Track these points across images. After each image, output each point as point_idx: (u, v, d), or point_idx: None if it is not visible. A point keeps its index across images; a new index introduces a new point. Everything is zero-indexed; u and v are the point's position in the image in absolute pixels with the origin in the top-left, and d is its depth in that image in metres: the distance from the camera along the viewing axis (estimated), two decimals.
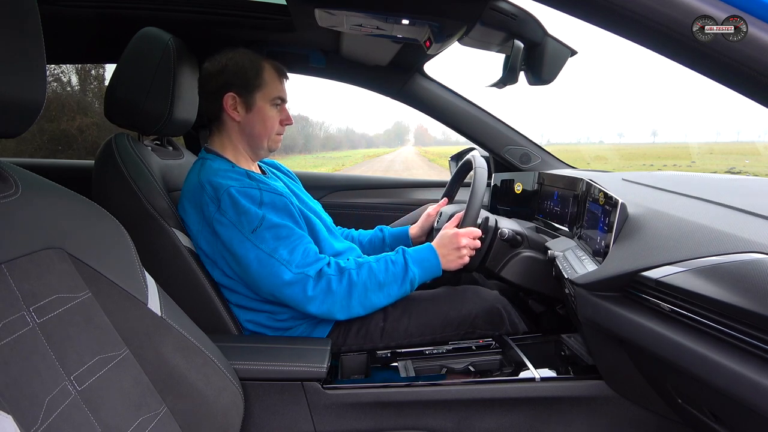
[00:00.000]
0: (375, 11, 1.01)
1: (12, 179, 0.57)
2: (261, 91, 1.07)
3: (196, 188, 1.00)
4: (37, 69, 0.54)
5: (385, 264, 1.02)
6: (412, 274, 1.02)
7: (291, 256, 0.95)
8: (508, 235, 1.13)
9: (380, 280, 1.00)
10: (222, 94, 1.06)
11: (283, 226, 0.98)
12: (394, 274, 1.01)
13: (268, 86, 1.07)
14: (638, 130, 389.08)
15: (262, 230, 0.95)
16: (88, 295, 0.60)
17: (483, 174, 1.13)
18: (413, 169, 19.65)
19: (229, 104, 1.06)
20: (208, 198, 0.98)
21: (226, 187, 0.97)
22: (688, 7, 0.52)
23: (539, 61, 1.08)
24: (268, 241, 0.95)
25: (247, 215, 0.95)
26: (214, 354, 0.75)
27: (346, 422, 0.92)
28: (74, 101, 5.10)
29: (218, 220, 0.97)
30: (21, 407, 0.47)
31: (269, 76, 1.08)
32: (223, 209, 0.96)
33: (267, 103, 1.08)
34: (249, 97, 1.06)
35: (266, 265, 0.95)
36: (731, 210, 0.70)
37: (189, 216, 1.02)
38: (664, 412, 0.87)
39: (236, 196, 0.96)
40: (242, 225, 0.95)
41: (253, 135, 1.09)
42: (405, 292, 1.04)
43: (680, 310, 0.62)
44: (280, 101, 1.10)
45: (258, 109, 1.07)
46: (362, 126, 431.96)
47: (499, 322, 1.09)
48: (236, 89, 1.06)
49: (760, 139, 52.87)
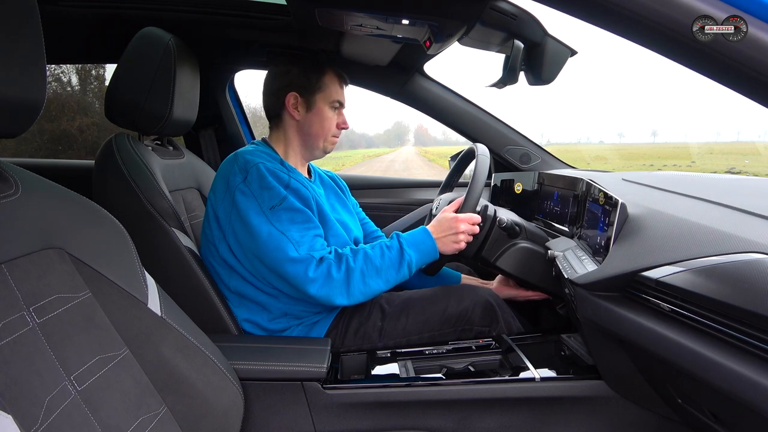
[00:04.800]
0: (375, 11, 1.01)
1: (12, 179, 0.57)
2: (322, 93, 1.12)
3: (230, 161, 1.05)
4: (37, 69, 0.54)
5: (381, 250, 1.04)
6: (408, 257, 1.03)
7: (301, 239, 0.98)
8: (506, 223, 1.12)
9: (377, 265, 1.01)
10: (285, 93, 1.11)
11: (301, 212, 1.01)
12: (390, 259, 1.03)
13: (329, 89, 1.13)
14: (638, 130, 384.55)
15: (280, 209, 0.98)
16: (88, 295, 0.60)
17: (485, 162, 1.13)
18: (413, 169, 19.64)
19: (291, 103, 1.12)
20: (237, 168, 1.02)
21: (256, 163, 1.01)
22: (688, 7, 0.52)
23: (539, 61, 1.08)
24: (283, 221, 0.98)
25: (270, 191, 0.99)
26: (214, 354, 0.75)
27: (346, 422, 0.92)
28: (74, 101, 5.10)
29: (241, 189, 1.00)
30: (21, 407, 0.47)
31: (330, 80, 1.13)
32: (249, 181, 1.00)
33: (326, 105, 1.13)
34: (310, 98, 1.12)
35: (276, 239, 0.97)
36: (731, 210, 0.70)
37: (217, 186, 1.05)
38: (664, 412, 0.87)
39: (264, 172, 1.00)
40: (263, 199, 0.99)
41: (310, 134, 1.14)
42: (404, 277, 1.04)
43: (680, 310, 0.62)
44: (338, 105, 1.15)
45: (318, 110, 1.13)
46: (362, 126, 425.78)
47: (493, 317, 1.10)
48: (299, 89, 1.11)
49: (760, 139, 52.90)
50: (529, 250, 1.14)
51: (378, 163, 27.34)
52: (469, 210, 1.10)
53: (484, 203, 1.15)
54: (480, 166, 1.12)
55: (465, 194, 1.11)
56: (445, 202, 1.23)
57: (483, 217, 1.12)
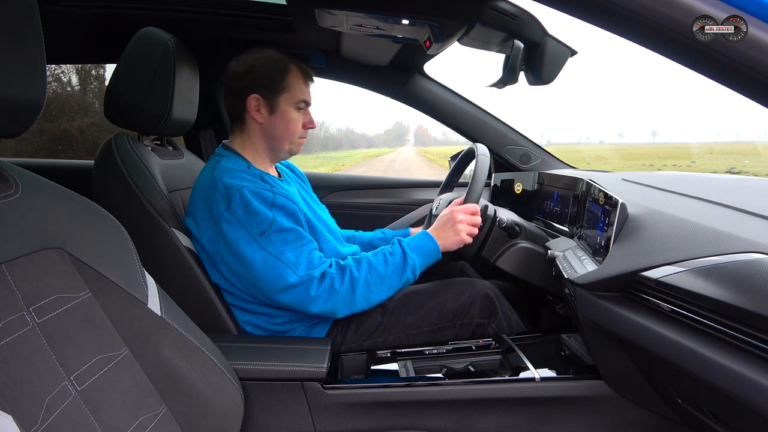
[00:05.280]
0: (375, 11, 1.01)
1: (12, 179, 0.57)
2: (286, 94, 1.05)
3: (209, 185, 0.99)
4: (37, 69, 0.54)
5: (384, 256, 1.02)
6: (411, 262, 1.02)
7: (298, 260, 0.95)
8: (506, 223, 1.12)
9: (381, 272, 1.00)
10: (246, 95, 1.05)
11: (292, 230, 0.97)
12: (394, 265, 1.01)
13: (293, 89, 1.06)
14: (638, 130, 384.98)
15: (270, 233, 0.95)
16: (88, 295, 0.60)
17: (485, 162, 1.13)
18: (413, 169, 19.65)
19: (253, 105, 1.05)
20: (219, 196, 0.97)
21: (239, 188, 0.96)
22: (688, 7, 0.52)
23: (539, 61, 1.08)
24: (275, 244, 0.95)
25: (257, 216, 0.95)
26: (214, 354, 0.75)
27: (346, 422, 0.92)
28: (74, 101, 5.10)
29: (227, 219, 0.96)
30: (21, 407, 0.47)
31: (295, 78, 1.06)
32: (232, 208, 0.95)
33: (291, 106, 1.06)
34: (273, 100, 1.05)
35: (272, 267, 0.94)
36: (731, 210, 0.70)
37: (197, 212, 1.01)
38: (664, 412, 0.87)
39: (248, 197, 0.95)
40: (251, 226, 0.95)
41: (275, 137, 1.08)
42: (408, 281, 1.03)
43: (680, 310, 0.62)
44: (304, 104, 1.08)
45: (281, 112, 1.06)
46: (362, 126, 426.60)
47: (492, 310, 1.10)
48: (261, 91, 1.04)
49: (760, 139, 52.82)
50: (529, 250, 1.14)
51: (378, 163, 27.33)
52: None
53: (484, 203, 1.15)
54: (480, 166, 1.12)
55: (465, 194, 1.11)
56: (445, 202, 1.23)
57: (483, 217, 1.12)
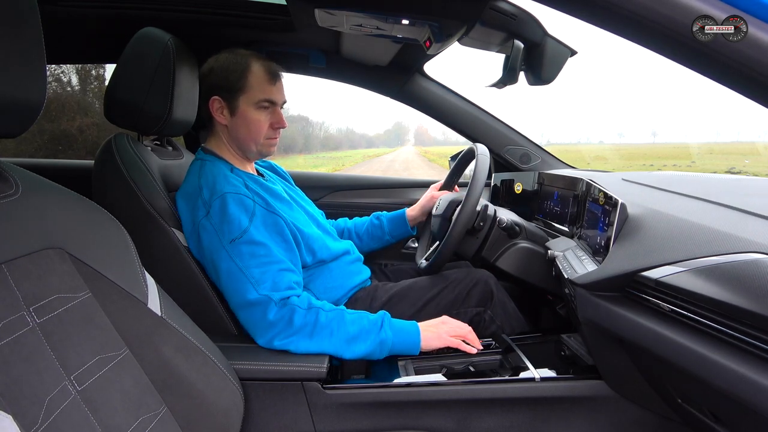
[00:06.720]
0: (375, 11, 1.01)
1: (12, 179, 0.57)
2: (244, 95, 1.03)
3: (195, 191, 0.99)
4: (37, 69, 0.54)
5: (359, 316, 0.95)
6: (384, 335, 0.93)
7: (262, 276, 0.91)
8: (506, 223, 1.12)
9: (348, 330, 0.92)
10: (208, 97, 1.05)
11: (263, 245, 0.94)
12: (365, 330, 0.93)
13: (252, 89, 1.03)
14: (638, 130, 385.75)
15: (240, 243, 0.92)
16: (88, 295, 0.60)
17: (485, 162, 1.13)
18: (413, 169, 19.64)
19: (215, 108, 1.05)
20: (201, 202, 0.96)
21: (221, 193, 0.95)
22: (688, 7, 0.52)
23: (539, 61, 1.08)
24: (243, 256, 0.92)
25: (230, 224, 0.93)
26: (214, 354, 0.75)
27: (346, 422, 0.92)
28: (74, 101, 5.10)
29: (203, 225, 0.95)
30: (21, 407, 0.47)
31: (255, 78, 1.03)
32: (210, 215, 0.94)
33: (251, 106, 1.04)
34: (233, 101, 1.04)
35: (235, 279, 0.91)
36: (731, 210, 0.70)
37: (183, 216, 1.00)
38: (664, 412, 0.87)
39: (228, 202, 0.94)
40: (223, 233, 0.93)
41: (239, 139, 1.06)
42: (371, 352, 0.92)
43: (680, 310, 0.62)
44: (268, 104, 1.05)
45: (241, 113, 1.04)
46: (362, 126, 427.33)
47: (488, 296, 1.11)
48: (220, 92, 1.04)
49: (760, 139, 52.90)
50: (529, 250, 1.14)
51: (378, 163, 27.32)
52: (468, 210, 1.09)
53: (484, 203, 1.15)
54: (480, 166, 1.12)
55: (465, 194, 1.11)
56: (444, 203, 1.23)
57: (483, 217, 1.12)
